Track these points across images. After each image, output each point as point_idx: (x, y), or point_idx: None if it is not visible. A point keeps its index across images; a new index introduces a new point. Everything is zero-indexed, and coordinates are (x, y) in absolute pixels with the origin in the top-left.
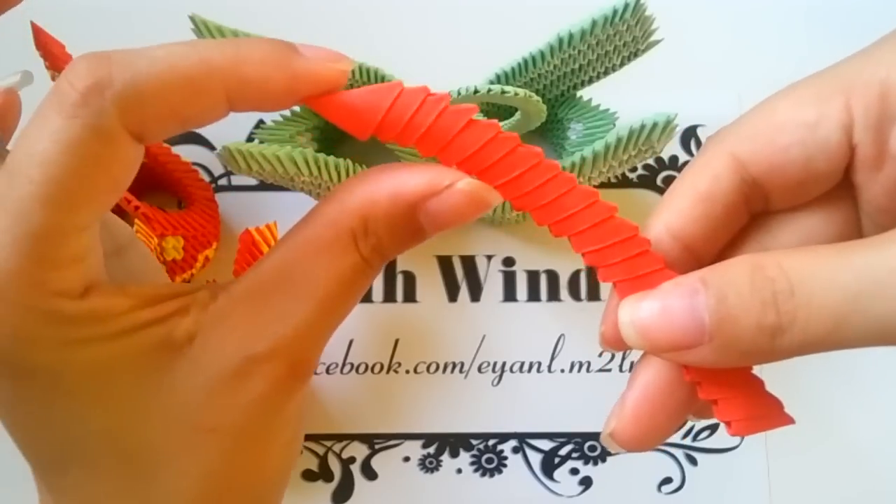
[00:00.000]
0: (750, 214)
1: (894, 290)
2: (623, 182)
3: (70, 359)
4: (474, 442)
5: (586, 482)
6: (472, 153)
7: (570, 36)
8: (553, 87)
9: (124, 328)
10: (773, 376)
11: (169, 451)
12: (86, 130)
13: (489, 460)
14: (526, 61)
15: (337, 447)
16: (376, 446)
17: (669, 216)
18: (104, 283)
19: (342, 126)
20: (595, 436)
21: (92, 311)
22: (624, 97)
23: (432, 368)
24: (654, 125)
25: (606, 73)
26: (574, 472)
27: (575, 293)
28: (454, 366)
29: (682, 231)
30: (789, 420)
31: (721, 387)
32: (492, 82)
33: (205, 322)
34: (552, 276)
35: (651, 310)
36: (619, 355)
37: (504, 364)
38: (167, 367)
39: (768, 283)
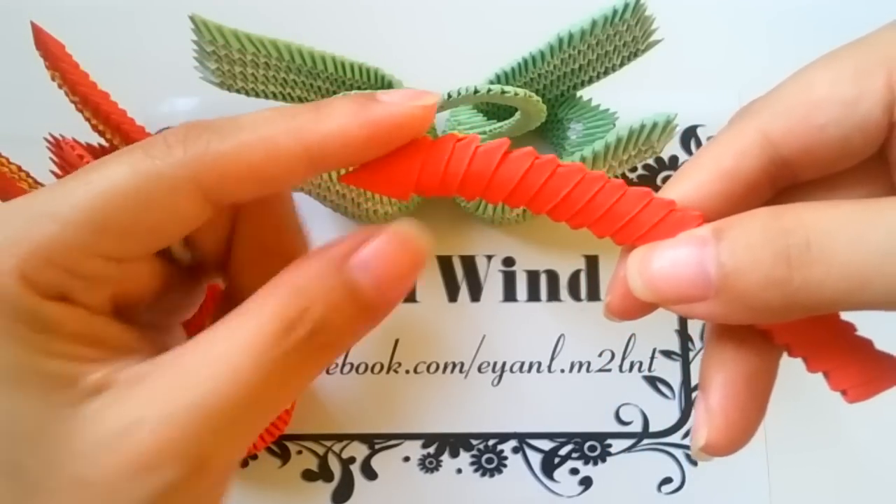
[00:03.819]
0: (774, 191)
1: None
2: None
3: None
4: (474, 442)
5: (586, 482)
6: (514, 186)
7: (570, 36)
8: (553, 87)
9: (44, 348)
10: None
11: (43, 489)
12: (154, 169)
13: (489, 460)
14: (526, 61)
15: (337, 447)
16: (376, 446)
17: (686, 188)
18: (76, 302)
19: (382, 193)
20: (594, 436)
21: (36, 314)
22: (624, 97)
23: (432, 368)
24: (654, 125)
25: (606, 73)
26: (574, 472)
27: (575, 293)
28: (454, 366)
29: (698, 205)
30: None
31: (827, 356)
32: (492, 82)
33: (118, 380)
34: (552, 276)
35: (660, 260)
36: (619, 355)
37: (504, 364)
38: (65, 409)
39: (783, 234)
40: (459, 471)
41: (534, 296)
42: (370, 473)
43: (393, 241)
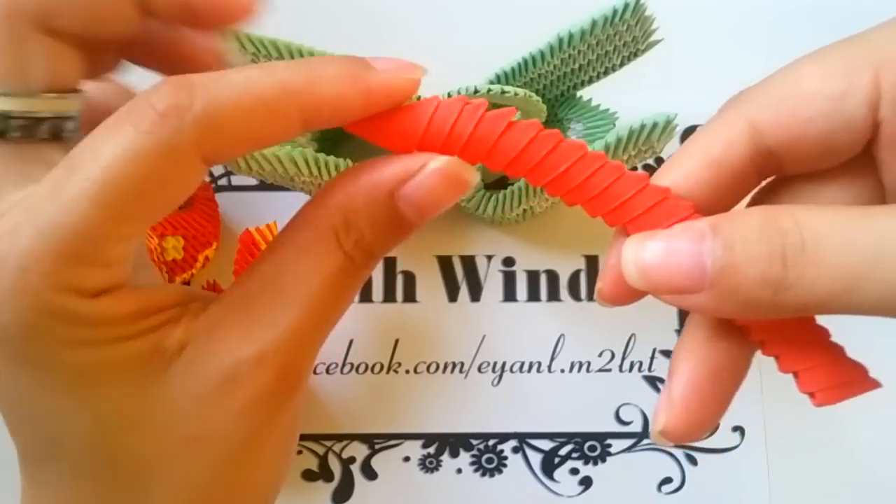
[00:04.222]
0: (760, 181)
1: None
2: None
3: (61, 357)
4: (474, 442)
5: (586, 482)
6: (516, 155)
7: (570, 36)
8: (553, 87)
9: (120, 335)
10: (772, 374)
11: (154, 462)
12: (158, 147)
13: (489, 460)
14: (526, 61)
15: (337, 447)
16: (376, 446)
17: (676, 177)
18: (119, 286)
19: (386, 146)
20: (595, 436)
21: (95, 314)
22: (624, 97)
23: (432, 368)
24: (654, 125)
25: (606, 73)
26: (574, 472)
27: (575, 293)
28: (454, 366)
29: (687, 193)
30: (875, 384)
31: (800, 357)
32: (492, 82)
33: (195, 331)
34: (552, 276)
35: (655, 250)
36: (619, 355)
37: (504, 364)
38: (157, 378)
39: (779, 234)
40: (459, 471)
41: (534, 296)
42: (370, 473)
43: (442, 177)
